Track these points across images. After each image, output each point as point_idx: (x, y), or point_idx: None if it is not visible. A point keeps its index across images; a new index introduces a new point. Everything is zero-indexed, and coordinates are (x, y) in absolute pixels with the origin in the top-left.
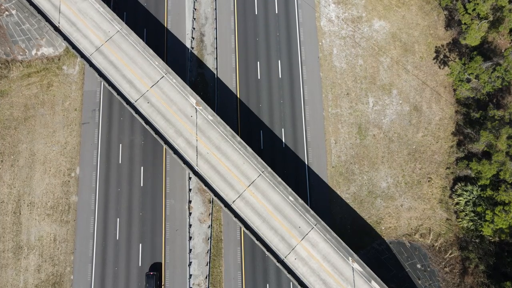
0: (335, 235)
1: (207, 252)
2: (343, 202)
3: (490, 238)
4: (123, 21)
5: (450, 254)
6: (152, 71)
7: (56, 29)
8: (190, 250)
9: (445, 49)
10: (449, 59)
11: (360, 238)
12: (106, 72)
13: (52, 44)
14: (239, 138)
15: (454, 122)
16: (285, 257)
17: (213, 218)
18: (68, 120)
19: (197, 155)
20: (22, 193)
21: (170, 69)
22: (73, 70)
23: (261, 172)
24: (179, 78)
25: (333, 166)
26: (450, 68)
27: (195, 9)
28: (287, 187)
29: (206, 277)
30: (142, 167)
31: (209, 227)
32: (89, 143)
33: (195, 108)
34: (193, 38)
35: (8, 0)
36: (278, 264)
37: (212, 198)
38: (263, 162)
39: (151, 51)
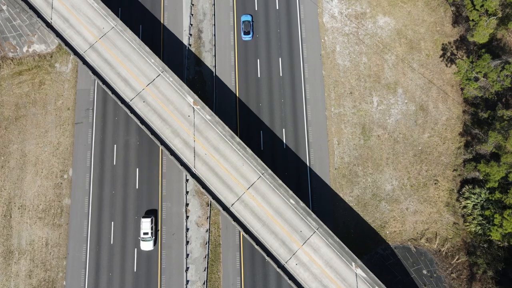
0: (337, 239)
1: (205, 257)
2: (346, 206)
3: (499, 243)
4: (118, 17)
5: (457, 260)
6: (148, 69)
7: (49, 25)
8: (187, 255)
9: (452, 47)
10: (457, 57)
11: (364, 243)
12: (100, 70)
13: (44, 40)
14: (238, 139)
15: (461, 122)
16: (286, 263)
17: (211, 222)
18: (61, 119)
19: (194, 157)
20: (13, 195)
21: (166, 67)
22: (66, 68)
23: (261, 174)
24: (176, 76)
25: (336, 168)
26: (457, 66)
27: (193, 5)
28: (288, 189)
29: (204, 283)
30: (137, 169)
31: (207, 231)
32: (83, 144)
33: (193, 107)
34: (190, 34)
35: None
36: (278, 269)
37: (210, 201)
38: (263, 164)
39: (147, 48)
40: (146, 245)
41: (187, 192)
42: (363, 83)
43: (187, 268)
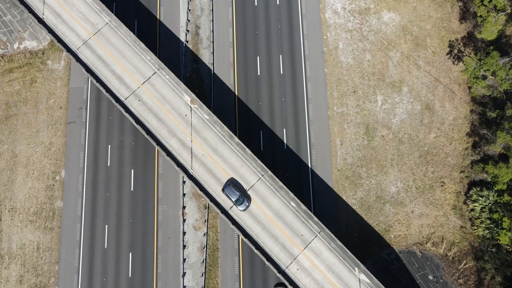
0: (340, 243)
1: (203, 261)
2: (349, 208)
3: (508, 247)
4: (113, 12)
5: (464, 265)
6: (143, 66)
7: (40, 21)
8: (184, 259)
9: (459, 44)
10: (464, 54)
11: (368, 247)
12: (94, 68)
13: (35, 37)
14: (237, 139)
15: (469, 122)
16: (287, 268)
17: (209, 225)
18: (53, 119)
19: (191, 157)
20: (3, 198)
21: (163, 65)
22: (58, 65)
23: (260, 176)
24: (172, 74)
25: (339, 170)
26: (464, 64)
27: (190, 0)
28: (289, 192)
29: None
30: (132, 170)
31: (204, 235)
32: (76, 144)
33: (190, 106)
34: (187, 31)
35: None
36: (279, 275)
37: (208, 204)
38: (263, 165)
39: (142, 45)
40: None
41: (184, 194)
42: (367, 81)
43: (184, 273)
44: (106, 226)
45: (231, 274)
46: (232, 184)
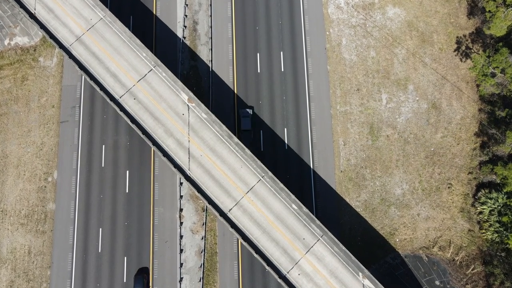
0: (343, 247)
1: (200, 266)
2: (353, 211)
3: None
4: (107, 7)
5: (472, 270)
6: (139, 63)
7: (32, 16)
8: (181, 264)
9: (467, 40)
10: (472, 51)
11: (372, 251)
12: (88, 65)
13: (27, 33)
14: (236, 139)
15: (477, 121)
16: (288, 273)
17: (207, 229)
18: (45, 118)
19: (189, 158)
20: None
21: (159, 62)
22: (51, 62)
23: (261, 177)
24: (169, 72)
25: (342, 171)
26: (472, 61)
27: None
28: (290, 194)
29: None
30: (127, 171)
31: (202, 238)
32: (68, 144)
33: (187, 105)
34: (185, 26)
35: None
36: (279, 280)
37: (206, 206)
38: (263, 166)
39: (138, 41)
40: None
41: (181, 197)
42: (371, 79)
43: (181, 279)
44: (100, 229)
45: (230, 279)
46: None
